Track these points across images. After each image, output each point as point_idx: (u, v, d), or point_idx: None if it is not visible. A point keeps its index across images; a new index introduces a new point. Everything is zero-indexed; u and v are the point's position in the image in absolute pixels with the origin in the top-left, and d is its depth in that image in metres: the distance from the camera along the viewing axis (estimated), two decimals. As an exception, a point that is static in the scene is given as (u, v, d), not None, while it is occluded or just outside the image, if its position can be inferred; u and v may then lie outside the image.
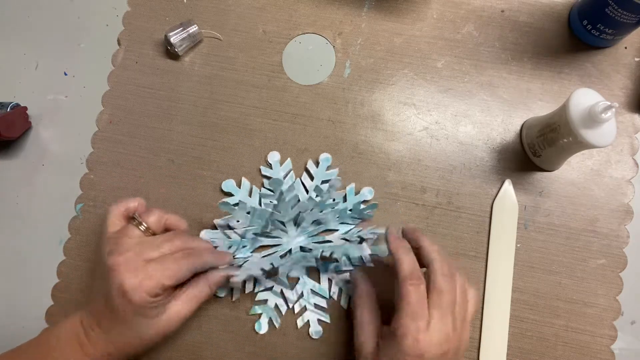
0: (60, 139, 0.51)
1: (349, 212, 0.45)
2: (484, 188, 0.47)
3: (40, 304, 0.47)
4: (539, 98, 0.49)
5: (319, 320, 0.45)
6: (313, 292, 0.45)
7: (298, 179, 0.48)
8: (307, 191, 0.47)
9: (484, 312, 0.44)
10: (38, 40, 0.54)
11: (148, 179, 0.49)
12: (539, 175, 0.47)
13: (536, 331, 0.44)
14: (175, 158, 0.49)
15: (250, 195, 0.47)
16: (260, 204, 0.47)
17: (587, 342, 0.44)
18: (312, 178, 0.47)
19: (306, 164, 0.48)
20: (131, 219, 0.42)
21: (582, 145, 0.40)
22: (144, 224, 0.41)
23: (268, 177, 0.48)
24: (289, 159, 0.48)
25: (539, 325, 0.44)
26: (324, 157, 0.48)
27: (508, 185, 0.47)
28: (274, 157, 0.48)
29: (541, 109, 0.49)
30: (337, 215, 0.45)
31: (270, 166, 0.48)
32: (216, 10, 0.53)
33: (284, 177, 0.48)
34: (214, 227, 0.47)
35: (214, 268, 0.41)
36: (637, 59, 0.50)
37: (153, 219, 0.42)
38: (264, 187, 0.48)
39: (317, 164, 0.48)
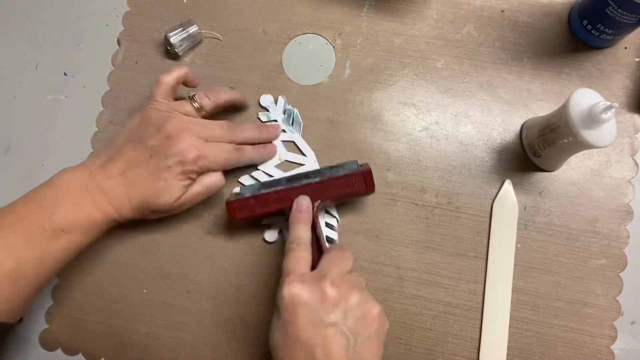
0: (60, 139, 0.51)
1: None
2: (484, 188, 0.47)
3: (40, 304, 0.47)
4: (539, 98, 0.49)
5: (327, 237, 0.46)
6: (325, 210, 0.47)
7: (295, 109, 0.50)
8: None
9: (484, 312, 0.44)
10: (38, 40, 0.54)
11: (148, 179, 0.49)
12: (539, 175, 0.47)
13: (536, 331, 0.44)
14: (175, 158, 0.49)
15: (284, 113, 0.50)
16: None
17: (587, 342, 0.44)
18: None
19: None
20: (190, 98, 0.44)
21: (582, 145, 0.40)
22: (198, 102, 0.44)
23: (271, 120, 0.50)
24: (280, 96, 0.50)
25: (539, 325, 0.44)
26: (266, 97, 0.50)
27: (508, 186, 0.47)
28: (266, 99, 0.50)
29: (541, 109, 0.49)
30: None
31: (266, 109, 0.50)
32: (216, 10, 0.53)
33: (284, 113, 0.50)
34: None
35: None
36: (637, 59, 0.50)
37: (207, 101, 0.45)
38: None
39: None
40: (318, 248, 0.41)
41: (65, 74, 0.53)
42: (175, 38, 0.50)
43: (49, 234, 0.38)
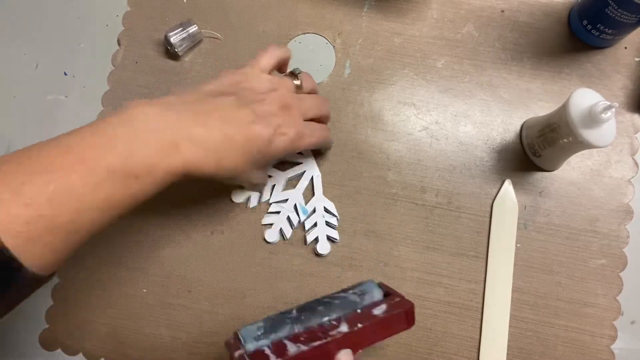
0: (60, 139, 0.51)
1: None
2: (484, 188, 0.47)
3: (40, 304, 0.47)
4: (539, 98, 0.49)
5: (328, 237, 0.46)
6: (326, 210, 0.46)
7: None
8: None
9: (484, 312, 0.45)
10: (38, 40, 0.54)
11: (148, 179, 0.49)
12: (539, 175, 0.47)
13: (536, 331, 0.44)
14: (175, 158, 0.49)
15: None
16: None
17: (587, 342, 0.44)
18: None
19: None
20: (292, 75, 0.42)
21: (582, 145, 0.40)
22: (300, 80, 0.42)
23: None
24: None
25: (539, 325, 0.44)
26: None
27: (508, 185, 0.47)
28: None
29: (541, 109, 0.49)
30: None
31: None
32: (216, 10, 0.53)
33: None
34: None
35: None
36: (637, 59, 0.50)
37: (308, 84, 0.43)
38: None
39: None
40: None
41: (65, 74, 0.53)
42: (175, 38, 0.50)
43: (119, 180, 0.31)
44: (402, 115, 0.50)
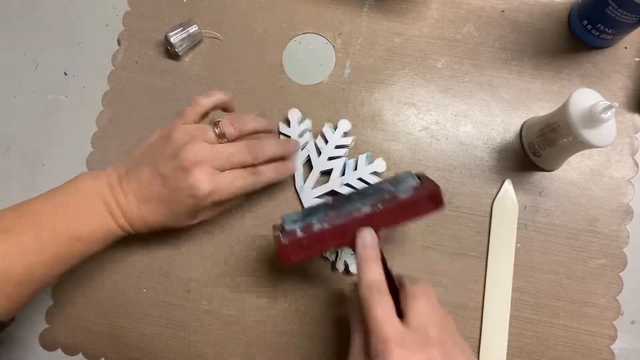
0: (60, 139, 0.51)
1: (357, 179, 0.47)
2: (484, 188, 0.47)
3: (40, 304, 0.47)
4: (539, 98, 0.49)
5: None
6: None
7: (312, 139, 0.48)
8: (319, 154, 0.48)
9: (484, 312, 0.44)
10: (38, 40, 0.54)
11: (148, 179, 0.49)
12: (539, 175, 0.47)
13: (536, 331, 0.44)
14: (175, 158, 0.49)
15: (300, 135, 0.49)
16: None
17: (587, 342, 0.44)
18: (326, 142, 0.48)
19: (322, 128, 0.48)
20: (214, 124, 0.42)
21: (582, 145, 0.40)
22: (220, 129, 0.42)
23: (286, 135, 0.48)
24: (308, 119, 0.49)
25: (539, 325, 0.44)
26: (343, 122, 0.48)
27: (508, 185, 0.47)
28: (294, 114, 0.48)
29: (541, 109, 0.49)
30: (345, 182, 0.47)
31: (288, 123, 0.48)
32: (216, 10, 0.53)
33: (300, 136, 0.48)
34: None
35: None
36: (637, 59, 0.50)
37: (231, 130, 0.42)
38: None
39: (335, 129, 0.48)
40: (389, 283, 0.35)
41: (65, 74, 0.53)
42: (175, 38, 0.50)
43: (64, 241, 0.38)
44: (402, 115, 0.50)
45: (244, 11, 0.53)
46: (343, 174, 0.47)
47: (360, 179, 0.47)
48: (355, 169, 0.47)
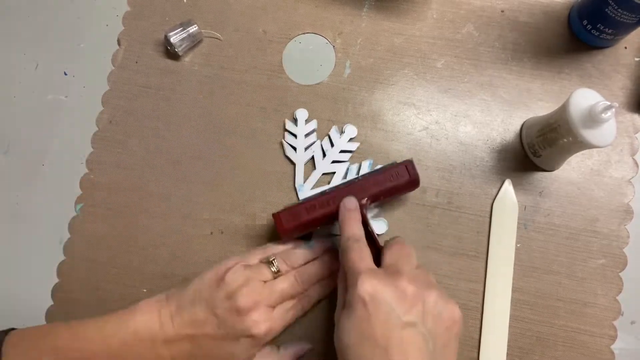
0: (60, 139, 0.51)
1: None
2: (484, 188, 0.47)
3: (40, 304, 0.47)
4: (539, 98, 0.49)
5: None
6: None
7: (319, 140, 0.48)
8: (324, 155, 0.48)
9: (484, 312, 0.44)
10: (38, 40, 0.54)
11: (148, 179, 0.49)
12: (539, 175, 0.47)
13: (536, 331, 0.44)
14: (175, 158, 0.49)
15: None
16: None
17: (587, 342, 0.44)
18: (332, 145, 0.48)
19: (329, 131, 0.49)
20: (268, 263, 0.41)
21: (582, 145, 0.40)
22: (276, 266, 0.41)
23: (291, 133, 0.49)
24: (315, 120, 0.49)
25: (539, 325, 0.44)
26: (350, 128, 0.48)
27: (508, 186, 0.47)
28: (301, 114, 0.49)
29: (541, 109, 0.49)
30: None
31: (296, 122, 0.49)
32: (216, 10, 0.53)
33: (306, 135, 0.49)
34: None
35: None
36: (637, 59, 0.50)
37: (286, 268, 0.42)
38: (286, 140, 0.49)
39: (341, 133, 0.49)
40: (372, 245, 0.39)
41: (65, 74, 0.53)
42: (175, 38, 0.50)
43: None
44: (402, 115, 0.50)
45: (244, 11, 0.53)
46: (345, 177, 0.47)
47: None
48: (358, 174, 0.47)
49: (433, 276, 0.36)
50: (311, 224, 0.42)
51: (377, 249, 0.39)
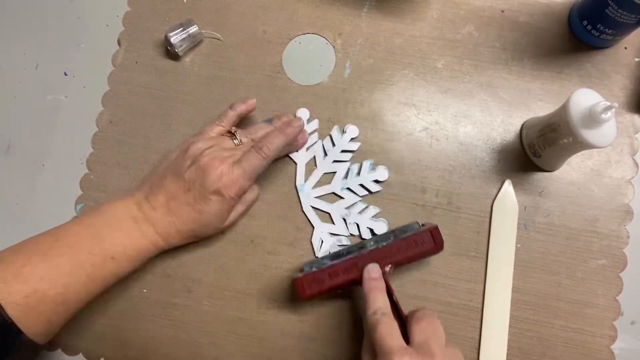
0: (60, 139, 0.51)
1: (359, 185, 0.47)
2: (484, 188, 0.47)
3: (40, 304, 0.47)
4: (539, 98, 0.49)
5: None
6: (331, 234, 0.47)
7: (320, 140, 0.49)
8: (325, 155, 0.48)
9: (484, 312, 0.45)
10: (38, 40, 0.54)
11: (148, 179, 0.49)
12: (539, 175, 0.47)
13: (536, 331, 0.44)
14: (175, 158, 0.49)
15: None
16: None
17: (587, 342, 0.44)
18: (333, 144, 0.49)
19: (331, 130, 0.49)
20: (230, 135, 0.45)
21: (582, 145, 0.40)
22: (238, 139, 0.45)
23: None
24: (317, 119, 0.49)
25: (539, 325, 0.44)
26: (352, 128, 0.49)
27: (508, 186, 0.47)
28: (303, 114, 0.49)
29: (541, 109, 0.49)
30: (346, 186, 0.47)
31: None
32: (216, 10, 0.53)
33: (309, 135, 0.49)
34: None
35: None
36: (637, 59, 0.50)
37: (247, 140, 0.45)
38: None
39: (343, 133, 0.49)
40: (397, 315, 0.38)
41: (65, 74, 0.53)
42: (175, 38, 0.50)
43: (98, 261, 0.39)
44: (402, 116, 0.50)
45: (244, 11, 0.53)
46: (345, 177, 0.47)
47: (362, 185, 0.47)
48: (358, 174, 0.47)
49: (461, 353, 0.36)
50: (332, 289, 0.42)
51: (401, 319, 0.38)
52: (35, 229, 0.49)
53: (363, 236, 0.46)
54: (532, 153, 0.47)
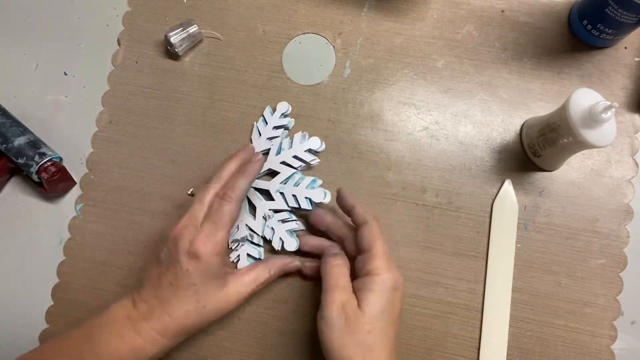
0: (61, 139, 0.51)
1: (293, 157, 0.47)
2: (484, 188, 0.47)
3: (40, 304, 0.47)
4: (539, 98, 0.49)
5: (248, 255, 0.46)
6: (248, 227, 0.46)
7: (284, 138, 0.49)
8: (259, 135, 0.49)
9: (484, 312, 0.45)
10: (38, 40, 0.54)
11: (148, 179, 0.49)
12: (539, 175, 0.47)
13: (536, 331, 0.44)
14: (175, 158, 0.49)
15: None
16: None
17: (587, 342, 0.44)
18: (266, 123, 0.49)
19: (263, 112, 0.50)
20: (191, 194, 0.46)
21: (582, 145, 0.40)
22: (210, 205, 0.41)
23: (264, 119, 0.49)
24: (293, 120, 0.49)
25: (539, 325, 0.44)
26: (282, 104, 0.49)
27: (508, 186, 0.47)
28: (282, 107, 0.49)
29: (541, 109, 0.49)
30: (281, 160, 0.47)
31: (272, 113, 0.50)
32: (216, 10, 0.53)
33: (274, 128, 0.49)
34: None
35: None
36: (637, 59, 0.50)
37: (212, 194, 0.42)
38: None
39: (273, 111, 0.50)
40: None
41: (65, 74, 0.53)
42: (175, 38, 0.50)
43: None
44: (402, 115, 0.50)
45: (244, 11, 0.53)
46: (284, 183, 0.47)
47: (296, 157, 0.47)
48: (291, 147, 0.47)
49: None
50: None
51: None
52: (35, 229, 0.49)
53: (302, 206, 0.45)
54: (532, 153, 0.47)
